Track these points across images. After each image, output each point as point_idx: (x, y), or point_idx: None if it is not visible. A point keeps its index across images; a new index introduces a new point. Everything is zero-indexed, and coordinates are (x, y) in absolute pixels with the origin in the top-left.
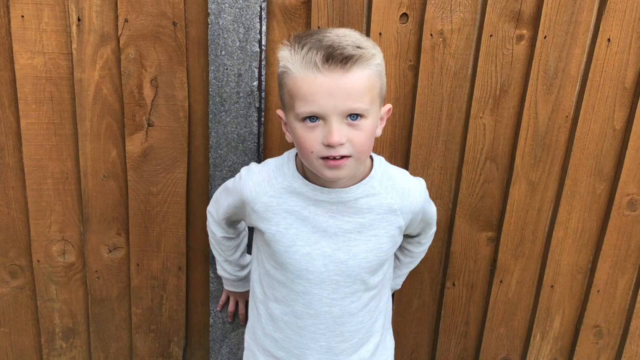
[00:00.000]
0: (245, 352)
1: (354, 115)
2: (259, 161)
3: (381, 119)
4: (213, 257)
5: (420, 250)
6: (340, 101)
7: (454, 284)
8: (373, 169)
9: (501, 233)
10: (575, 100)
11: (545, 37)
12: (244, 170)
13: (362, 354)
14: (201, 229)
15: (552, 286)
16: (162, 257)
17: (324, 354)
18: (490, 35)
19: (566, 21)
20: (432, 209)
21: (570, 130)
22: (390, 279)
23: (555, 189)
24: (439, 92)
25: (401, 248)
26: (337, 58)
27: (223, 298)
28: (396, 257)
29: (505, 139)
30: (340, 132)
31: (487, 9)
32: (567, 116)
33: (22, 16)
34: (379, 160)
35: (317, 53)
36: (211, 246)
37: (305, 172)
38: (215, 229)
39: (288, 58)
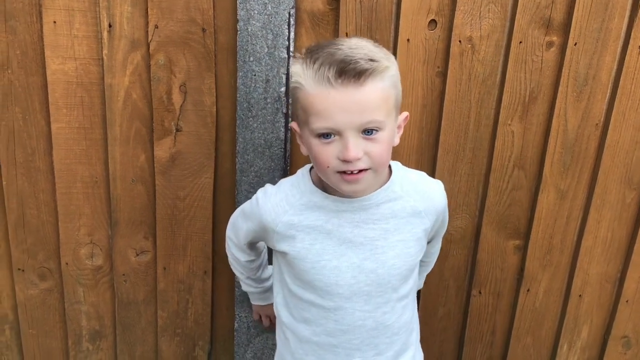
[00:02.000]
0: None
1: (369, 130)
2: (285, 167)
3: (398, 127)
4: None
5: (434, 251)
6: (355, 116)
7: (480, 292)
8: (392, 173)
9: (529, 241)
10: (605, 108)
11: (575, 44)
12: (260, 193)
13: None
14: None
15: (580, 296)
16: (188, 261)
17: None
18: (520, 42)
19: (597, 28)
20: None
21: (600, 138)
22: (416, 289)
23: (584, 197)
24: (467, 99)
25: None
26: (350, 73)
27: (255, 317)
28: None
29: (534, 146)
30: (356, 146)
31: (516, 15)
32: (597, 124)
33: (54, 22)
34: (397, 165)
35: (329, 68)
36: (232, 267)
37: (324, 184)
38: (237, 253)
39: (300, 73)
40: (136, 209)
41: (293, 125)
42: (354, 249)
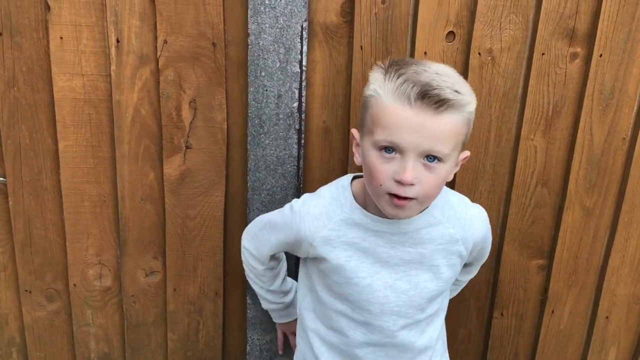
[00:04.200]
0: None
1: (432, 157)
2: (298, 185)
3: (456, 164)
4: None
5: (467, 279)
6: (423, 141)
7: (502, 314)
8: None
9: (553, 261)
10: (633, 122)
11: (601, 55)
12: (296, 204)
13: None
14: (239, 254)
15: (607, 317)
16: (198, 282)
17: None
18: (542, 54)
19: (623, 39)
20: (490, 239)
21: (627, 153)
22: (446, 304)
23: (611, 215)
24: (487, 113)
25: None
26: (432, 98)
27: (280, 337)
28: None
29: (558, 162)
30: (414, 171)
31: (539, 26)
32: (624, 138)
33: (61, 38)
34: None
35: (412, 87)
36: (250, 280)
37: (366, 200)
38: (255, 264)
39: (380, 83)
40: (145, 228)
41: (353, 131)
42: (388, 269)
